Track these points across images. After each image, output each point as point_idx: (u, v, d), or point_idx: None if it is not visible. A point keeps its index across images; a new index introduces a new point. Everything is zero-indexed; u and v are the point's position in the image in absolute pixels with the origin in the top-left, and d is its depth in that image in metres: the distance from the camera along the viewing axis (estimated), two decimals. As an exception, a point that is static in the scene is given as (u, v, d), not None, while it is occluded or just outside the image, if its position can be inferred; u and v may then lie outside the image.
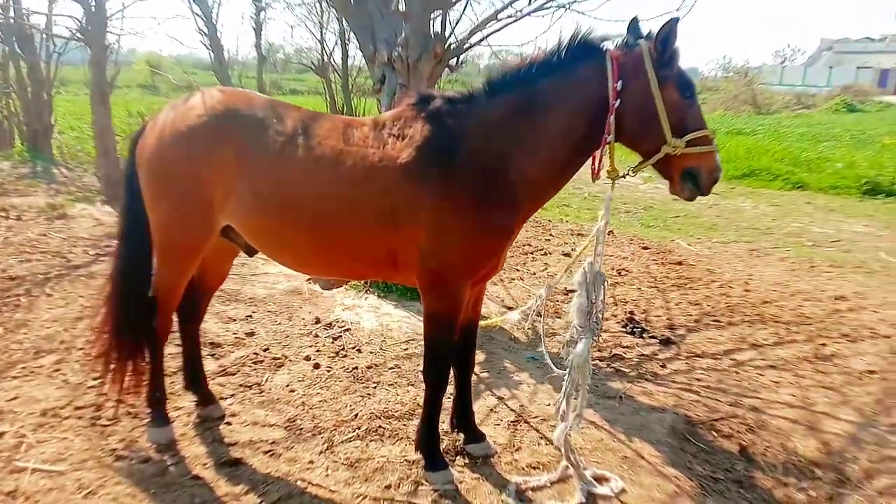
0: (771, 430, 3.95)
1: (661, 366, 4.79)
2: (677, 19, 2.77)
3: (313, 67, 13.22)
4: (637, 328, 5.43)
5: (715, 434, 3.89)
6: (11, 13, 11.23)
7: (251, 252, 3.47)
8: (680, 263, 7.49)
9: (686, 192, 2.92)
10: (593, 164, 3.05)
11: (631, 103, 2.83)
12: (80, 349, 4.51)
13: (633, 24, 2.93)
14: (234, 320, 5.17)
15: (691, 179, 2.88)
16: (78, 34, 8.41)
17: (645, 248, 8.11)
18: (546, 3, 5.48)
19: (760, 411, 4.17)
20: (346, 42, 13.16)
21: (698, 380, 4.58)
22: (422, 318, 3.25)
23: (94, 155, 11.11)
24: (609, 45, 2.89)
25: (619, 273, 7.02)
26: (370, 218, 3.00)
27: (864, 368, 4.85)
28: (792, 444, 3.79)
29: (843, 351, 5.17)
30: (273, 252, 3.30)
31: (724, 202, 11.16)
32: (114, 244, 3.64)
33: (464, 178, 2.94)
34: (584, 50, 2.89)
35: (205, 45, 11.12)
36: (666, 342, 5.22)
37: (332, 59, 13.17)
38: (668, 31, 2.77)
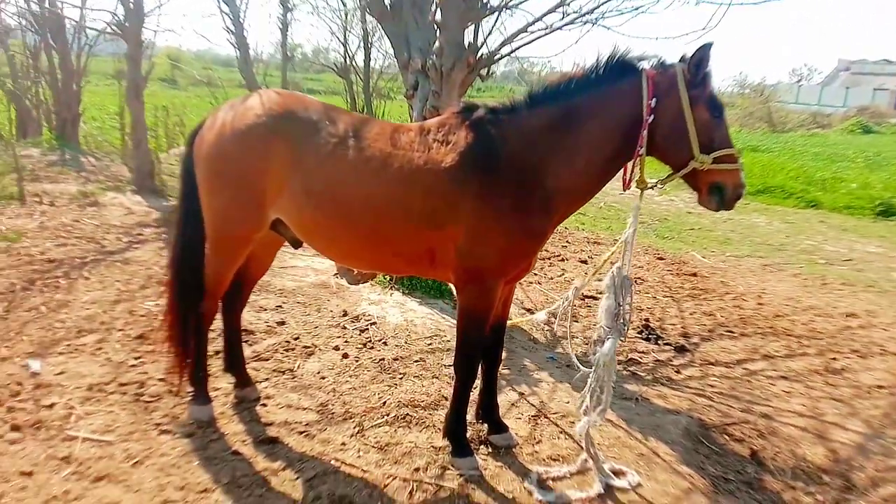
0: (781, 437, 4.11)
1: (675, 371, 4.96)
2: (711, 44, 2.97)
3: (335, 69, 13.46)
4: (653, 335, 5.60)
5: (727, 438, 4.06)
6: (47, 4, 11.53)
7: (297, 244, 3.67)
8: (694, 275, 7.65)
9: (713, 205, 3.11)
10: (625, 174, 3.24)
11: (663, 120, 3.03)
12: (120, 330, 4.73)
13: (682, 59, 3.10)
14: (266, 310, 5.38)
15: (717, 193, 3.07)
16: (114, 28, 8.66)
17: (660, 259, 8.27)
18: (575, 18, 5.66)
19: (771, 418, 4.33)
20: (370, 45, 13.40)
21: (711, 386, 4.74)
22: (445, 316, 3.44)
23: (120, 145, 11.39)
24: (645, 65, 3.09)
25: (636, 282, 7.18)
26: (413, 217, 3.20)
27: (872, 383, 5.00)
28: (801, 451, 3.95)
29: (853, 366, 5.32)
30: (320, 245, 3.50)
31: (738, 217, 11.30)
32: (155, 232, 3.84)
33: (503, 183, 3.13)
34: (621, 68, 3.09)
35: (231, 43, 11.40)
36: (680, 349, 5.39)
37: (354, 62, 13.41)
38: (702, 55, 2.98)
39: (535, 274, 7.19)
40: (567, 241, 8.84)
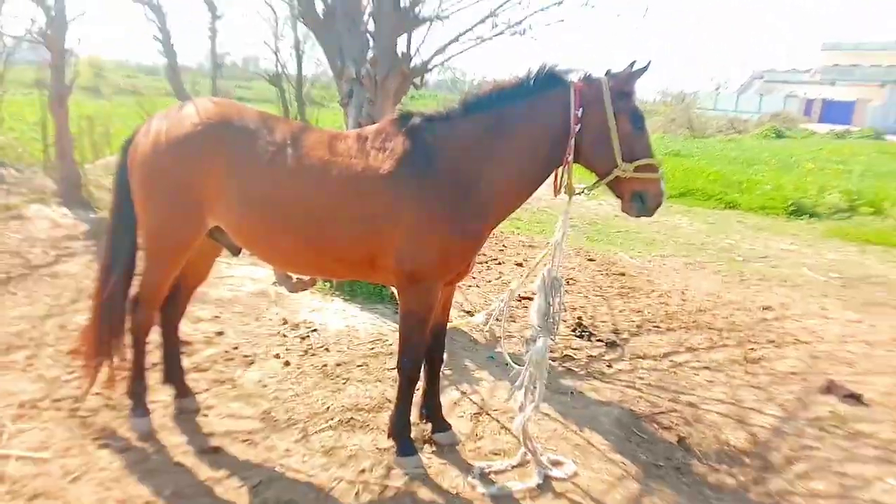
0: (706, 424, 4.38)
1: (607, 366, 5.19)
2: (646, 68, 3.22)
3: (267, 77, 13.34)
4: (585, 332, 5.83)
5: (656, 426, 4.29)
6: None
7: (236, 251, 3.69)
8: (623, 274, 7.98)
9: (634, 211, 3.31)
10: (555, 181, 3.41)
11: (589, 129, 3.21)
12: (51, 346, 4.59)
13: (608, 73, 3.31)
14: (203, 320, 5.32)
15: (639, 200, 3.27)
16: (36, 36, 8.36)
17: (591, 260, 8.58)
18: (504, 29, 5.87)
19: (696, 406, 4.60)
20: (301, 53, 13.34)
21: (641, 378, 4.99)
22: (386, 321, 3.54)
23: (41, 156, 10.93)
24: (573, 77, 3.27)
25: (568, 282, 7.43)
26: (353, 223, 3.28)
27: (787, 370, 5.37)
28: (724, 436, 4.22)
29: (769, 355, 5.69)
30: (260, 252, 3.54)
31: (662, 219, 11.80)
32: (85, 245, 3.78)
33: (439, 188, 3.25)
34: (551, 79, 3.26)
35: (159, 51, 11.15)
36: (611, 345, 5.63)
37: (285, 69, 13.31)
38: (633, 73, 3.21)
39: (474, 277, 7.35)
40: (504, 245, 9.05)
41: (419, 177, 3.25)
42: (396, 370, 3.59)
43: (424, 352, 3.62)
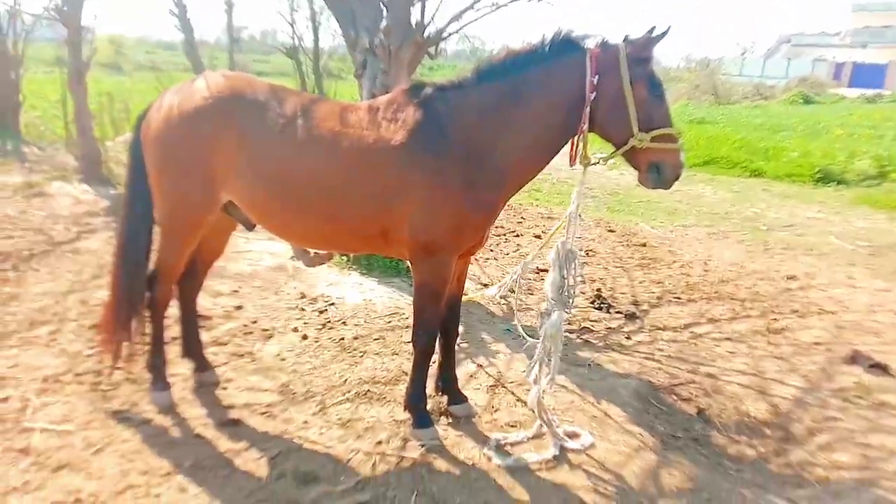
0: (726, 395, 4.33)
1: (626, 337, 5.15)
2: (665, 33, 3.08)
3: (284, 50, 13.27)
4: (604, 304, 5.78)
5: (675, 398, 4.26)
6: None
7: (250, 226, 3.69)
8: (644, 245, 7.88)
9: (650, 183, 3.20)
10: (571, 150, 3.32)
11: (604, 97, 3.10)
12: (74, 320, 4.67)
13: (625, 39, 3.17)
14: (222, 294, 5.36)
15: (655, 171, 3.15)
16: (52, 13, 8.38)
17: (611, 231, 8.49)
18: (521, -7, 5.74)
19: (716, 378, 4.54)
20: (318, 25, 13.23)
21: (660, 350, 4.94)
22: (403, 294, 3.52)
23: (63, 134, 11.05)
24: (589, 43, 3.16)
25: (587, 254, 7.37)
26: (365, 195, 3.25)
27: (811, 341, 5.28)
28: (744, 407, 4.17)
29: (793, 325, 5.60)
30: (273, 226, 3.52)
31: (685, 188, 11.61)
32: (105, 221, 3.81)
33: (452, 159, 3.20)
34: (566, 45, 3.16)
35: (176, 27, 11.13)
36: (631, 317, 5.58)
37: (302, 42, 13.23)
38: (651, 38, 3.08)
39: (491, 250, 7.31)
40: (522, 217, 8.98)
41: (431, 148, 3.20)
42: (411, 343, 3.58)
43: (439, 325, 3.61)
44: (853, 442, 3.84)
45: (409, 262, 3.47)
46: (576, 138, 3.26)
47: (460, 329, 4.92)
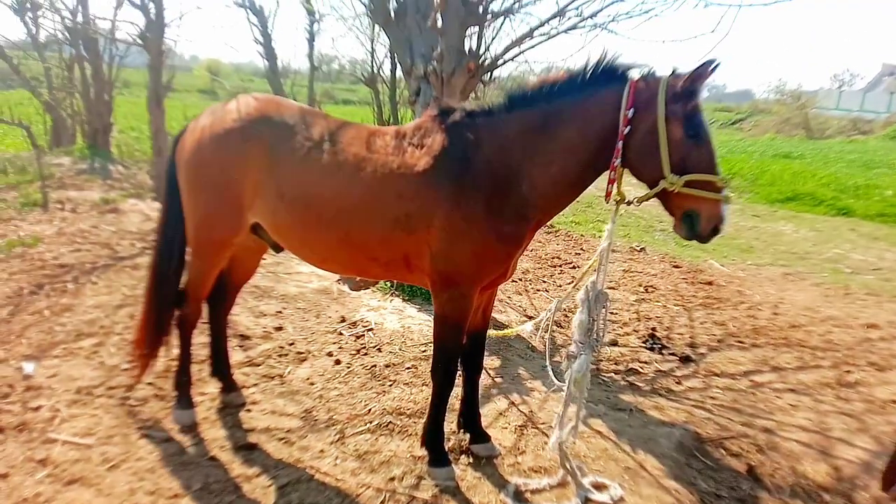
0: (782, 452, 3.95)
1: (676, 382, 4.81)
2: (714, 63, 2.77)
3: (363, 79, 13.58)
4: (657, 344, 5.45)
5: (723, 452, 3.91)
6: (80, 18, 11.87)
7: (278, 249, 3.67)
8: (710, 283, 7.45)
9: (683, 233, 2.91)
10: (609, 185, 3.10)
11: (637, 132, 2.87)
12: (118, 334, 4.79)
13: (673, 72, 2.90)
14: (265, 315, 5.40)
15: (689, 221, 2.85)
16: (138, 40, 8.86)
17: (676, 267, 8.09)
18: (579, 22, 5.58)
19: (773, 433, 4.16)
20: (395, 55, 13.47)
21: (713, 398, 4.58)
22: (439, 322, 3.38)
23: (151, 154, 11.66)
24: (634, 73, 2.92)
25: (647, 290, 7.03)
26: (386, 221, 3.15)
27: (888, 397, 4.78)
28: (802, 468, 3.78)
29: (869, 379, 5.09)
30: (295, 249, 3.48)
31: (763, 225, 11.00)
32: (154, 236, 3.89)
33: (476, 187, 3.06)
34: (606, 75, 2.95)
35: (260, 53, 11.58)
36: (685, 359, 5.23)
37: (380, 71, 13.51)
38: (702, 71, 2.77)
39: (544, 281, 7.10)
40: (581, 249, 8.71)
41: (455, 174, 3.07)
42: (431, 376, 3.44)
43: (459, 358, 3.45)
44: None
45: (430, 292, 3.34)
46: (610, 173, 3.05)
47: (497, 363, 4.77)
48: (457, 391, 3.54)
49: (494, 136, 3.10)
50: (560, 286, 6.99)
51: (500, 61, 5.84)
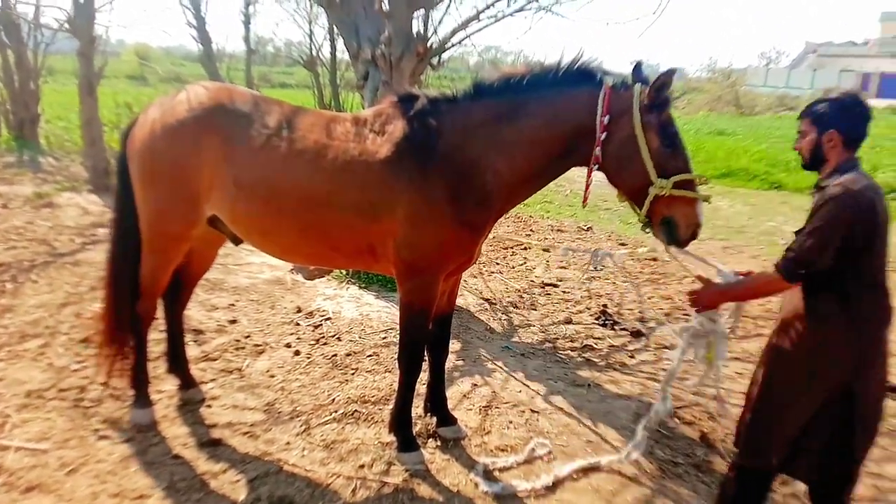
0: (732, 419, 4.11)
1: (629, 356, 4.97)
2: (674, 71, 2.85)
3: (302, 62, 13.29)
4: (609, 321, 5.61)
5: (677, 421, 4.07)
6: (0, 2, 11.24)
7: (237, 241, 3.60)
8: (655, 259, 7.68)
9: (663, 238, 3.03)
10: (586, 190, 3.15)
11: (613, 140, 2.91)
12: (65, 334, 4.62)
13: (637, 68, 2.96)
14: (218, 308, 5.30)
15: (667, 229, 2.96)
16: (66, 25, 8.45)
17: (622, 245, 8.30)
18: (526, 4, 5.63)
19: (722, 400, 4.32)
20: (335, 37, 13.25)
21: (664, 370, 4.73)
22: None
23: (82, 145, 11.18)
24: (607, 80, 2.94)
25: (596, 268, 7.19)
26: (349, 210, 3.13)
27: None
28: (751, 432, 3.97)
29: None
30: (256, 241, 3.43)
31: (702, 201, 11.37)
32: (105, 232, 3.77)
33: (439, 175, 3.06)
34: (581, 76, 2.98)
35: (194, 37, 11.20)
36: (636, 334, 5.40)
37: (320, 54, 13.25)
38: (665, 80, 2.82)
39: (497, 263, 7.18)
40: (531, 230, 8.84)
41: (418, 162, 3.07)
42: (397, 363, 3.46)
43: (426, 344, 3.48)
44: (865, 472, 3.61)
45: (396, 280, 3.35)
46: (587, 179, 3.10)
47: (458, 346, 4.82)
48: (422, 376, 3.56)
49: (459, 124, 3.10)
50: (513, 267, 7.08)
51: (448, 44, 5.84)
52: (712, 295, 2.90)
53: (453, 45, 5.90)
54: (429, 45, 5.67)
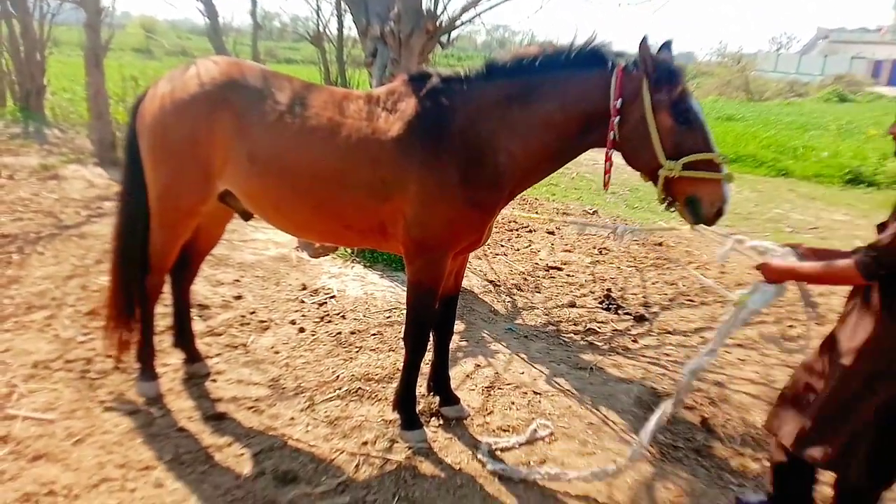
0: (732, 404, 4.16)
1: (632, 340, 4.99)
2: (669, 42, 2.82)
3: (308, 37, 13.19)
4: (613, 304, 5.62)
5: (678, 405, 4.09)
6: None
7: (247, 216, 3.60)
8: (660, 244, 7.67)
9: (689, 218, 2.90)
10: (605, 175, 3.08)
11: (627, 122, 2.86)
12: (71, 306, 4.65)
13: (644, 43, 2.81)
14: (223, 284, 5.31)
15: (692, 207, 2.84)
16: (71, -5, 8.39)
17: (629, 233, 8.27)
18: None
19: (724, 386, 4.37)
20: (342, 13, 13.13)
21: (667, 355, 4.78)
22: (405, 288, 3.40)
23: (87, 117, 11.14)
24: (620, 62, 2.90)
25: (601, 252, 7.20)
26: (361, 188, 3.13)
27: (827, 350, 5.05)
28: (751, 418, 3.99)
29: (810, 333, 5.35)
30: (268, 216, 3.43)
31: (709, 187, 11.32)
32: (111, 205, 3.77)
33: (450, 154, 3.05)
34: (593, 58, 2.94)
35: (200, 11, 11.11)
36: (639, 319, 5.41)
37: (327, 29, 13.14)
38: (663, 59, 2.78)
39: (502, 245, 7.18)
40: (536, 211, 8.81)
41: (429, 141, 3.05)
42: (403, 341, 3.48)
43: (433, 323, 3.49)
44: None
45: (404, 258, 3.35)
46: (606, 164, 3.04)
47: (461, 327, 4.84)
48: (427, 356, 3.58)
49: (472, 103, 3.07)
50: (518, 250, 7.08)
51: (458, 22, 5.78)
52: (782, 270, 2.74)
53: (463, 23, 5.84)
54: (438, 22, 5.62)
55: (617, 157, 3.04)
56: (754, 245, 3.02)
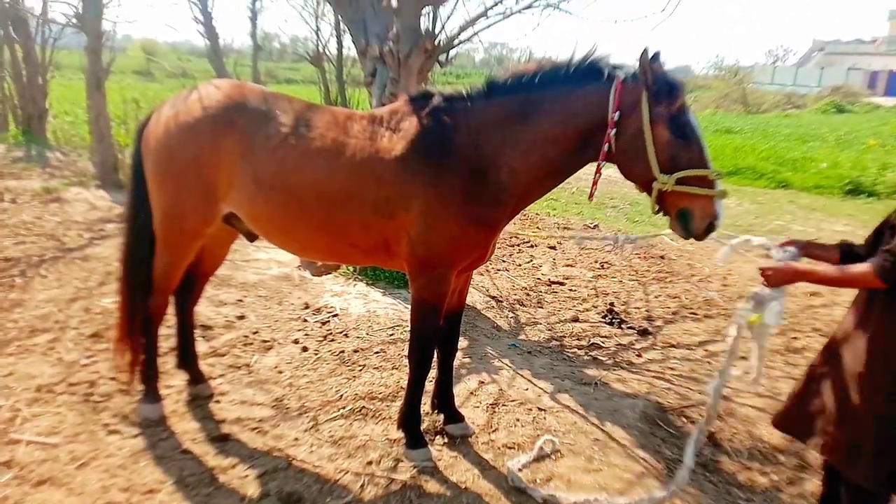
0: (739, 418, 4.14)
1: (637, 355, 4.97)
2: (658, 54, 2.79)
3: (308, 57, 13.30)
4: (616, 319, 5.61)
5: (685, 420, 4.08)
6: (6, -3, 11.26)
7: (252, 238, 3.62)
8: (662, 258, 7.68)
9: (679, 232, 2.93)
10: (593, 187, 3.15)
11: (624, 135, 2.88)
12: (74, 329, 4.64)
13: (644, 56, 2.81)
14: (226, 304, 5.31)
15: (683, 221, 2.86)
16: (74, 20, 8.48)
17: (629, 242, 8.28)
18: (534, 1, 5.62)
19: (730, 400, 4.35)
20: (342, 33, 13.24)
21: (672, 369, 4.76)
22: (408, 306, 3.40)
23: (89, 140, 11.21)
24: (618, 73, 2.91)
25: (603, 266, 7.20)
26: (366, 207, 3.14)
27: (832, 361, 5.03)
28: (758, 431, 3.97)
29: (814, 344, 5.35)
30: (273, 237, 3.44)
31: (709, 199, 11.33)
32: (118, 227, 3.79)
33: (453, 172, 3.07)
34: (592, 71, 2.96)
35: (200, 33, 11.21)
36: (643, 333, 5.40)
37: (326, 50, 13.25)
38: (657, 70, 2.77)
39: (503, 261, 7.18)
40: (537, 227, 8.83)
41: (433, 160, 3.08)
42: (408, 359, 3.47)
43: (437, 341, 3.49)
44: None
45: (408, 276, 3.36)
46: (595, 175, 3.09)
47: (464, 343, 4.83)
48: (431, 373, 3.57)
49: (473, 122, 3.10)
50: (519, 265, 7.08)
51: (456, 41, 5.83)
52: (790, 272, 2.71)
53: (461, 42, 5.88)
54: (437, 41, 5.67)
55: (616, 172, 3.06)
56: (761, 242, 3.00)
